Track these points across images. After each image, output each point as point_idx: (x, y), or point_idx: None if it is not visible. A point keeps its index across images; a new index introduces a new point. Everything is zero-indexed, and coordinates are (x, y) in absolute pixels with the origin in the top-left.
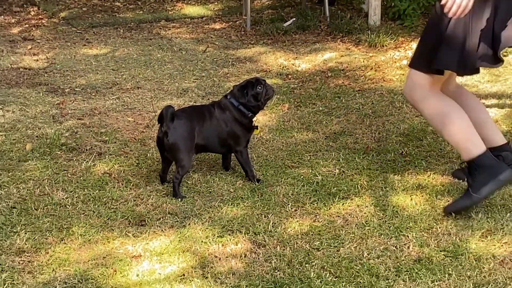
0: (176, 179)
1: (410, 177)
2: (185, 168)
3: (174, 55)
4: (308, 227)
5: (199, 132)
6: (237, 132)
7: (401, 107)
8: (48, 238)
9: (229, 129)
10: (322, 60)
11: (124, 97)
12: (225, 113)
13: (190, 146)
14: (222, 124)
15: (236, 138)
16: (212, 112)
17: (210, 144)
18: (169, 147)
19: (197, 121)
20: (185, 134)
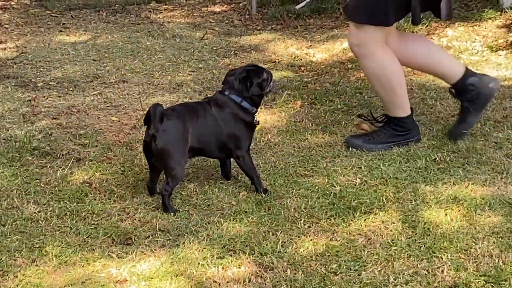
0: (165, 191)
1: (445, 188)
2: (177, 178)
3: (166, 43)
4: (324, 246)
5: (193, 133)
6: (239, 133)
7: (434, 104)
8: (17, 260)
9: (229, 130)
10: (341, 49)
11: (107, 93)
12: (223, 111)
13: (182, 152)
14: (221, 124)
15: (238, 140)
16: (208, 110)
17: (206, 147)
18: (157, 153)
19: (191, 121)
20: (176, 138)
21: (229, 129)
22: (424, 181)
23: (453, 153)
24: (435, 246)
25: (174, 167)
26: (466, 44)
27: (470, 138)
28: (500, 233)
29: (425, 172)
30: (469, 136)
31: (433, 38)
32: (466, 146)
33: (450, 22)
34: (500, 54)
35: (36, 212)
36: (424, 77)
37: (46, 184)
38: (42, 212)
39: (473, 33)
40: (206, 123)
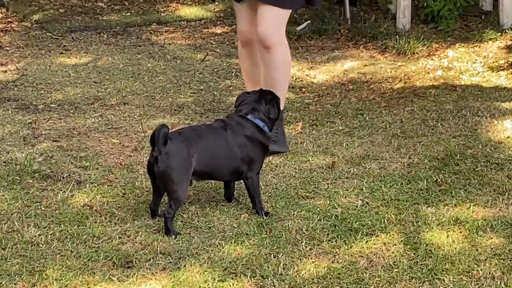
0: (168, 214)
1: (446, 210)
2: (179, 201)
3: (167, 64)
4: (325, 269)
5: (201, 158)
6: (255, 156)
7: (435, 126)
8: (17, 284)
9: (245, 155)
10: (342, 70)
11: (108, 115)
12: (241, 136)
13: (185, 176)
14: (236, 150)
15: (252, 163)
16: (221, 135)
17: (216, 172)
18: (159, 176)
19: (197, 145)
20: (178, 162)
21: (245, 153)
22: (426, 203)
23: (454, 174)
24: (437, 268)
25: (176, 190)
26: (467, 65)
27: (472, 159)
28: (502, 254)
29: (426, 194)
30: (471, 157)
31: (434, 59)
32: (468, 168)
33: (450, 43)
34: (501, 75)
35: (37, 236)
36: (425, 99)
37: (46, 207)
38: (43, 236)
39: (474, 54)
40: (217, 148)
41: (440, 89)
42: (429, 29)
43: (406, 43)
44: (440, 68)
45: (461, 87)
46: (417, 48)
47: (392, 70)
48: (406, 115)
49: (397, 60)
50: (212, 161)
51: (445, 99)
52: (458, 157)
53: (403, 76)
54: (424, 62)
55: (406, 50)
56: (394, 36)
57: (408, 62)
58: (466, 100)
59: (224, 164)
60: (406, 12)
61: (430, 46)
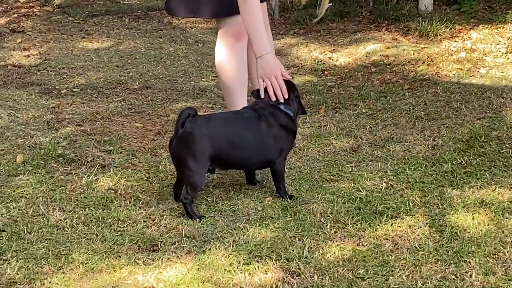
0: (185, 199)
1: (472, 192)
2: (195, 187)
3: (189, 48)
4: (350, 252)
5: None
6: (286, 145)
7: (459, 108)
8: (43, 267)
9: (279, 145)
10: (365, 53)
11: (131, 99)
12: (277, 127)
13: (200, 163)
14: (270, 140)
15: (282, 151)
16: (253, 125)
17: (243, 162)
18: (173, 158)
19: (223, 133)
20: (195, 147)
21: (279, 143)
22: (451, 185)
23: (479, 156)
24: (463, 251)
25: (191, 175)
26: (491, 46)
27: (497, 141)
28: None
29: (451, 176)
30: (496, 139)
31: (457, 40)
32: (493, 150)
33: (473, 25)
34: None
35: (62, 219)
36: (449, 80)
37: (71, 191)
38: (68, 219)
39: (497, 35)
40: (247, 138)
41: (464, 71)
42: (451, 10)
43: (429, 25)
44: (464, 49)
45: (485, 69)
46: (440, 30)
47: (415, 52)
48: (429, 97)
49: (420, 42)
50: (238, 152)
51: (469, 81)
52: (483, 139)
53: (426, 58)
54: (447, 44)
55: (428, 32)
56: (416, 18)
57: (431, 44)
58: (490, 81)
59: (254, 155)
60: None
61: (453, 28)
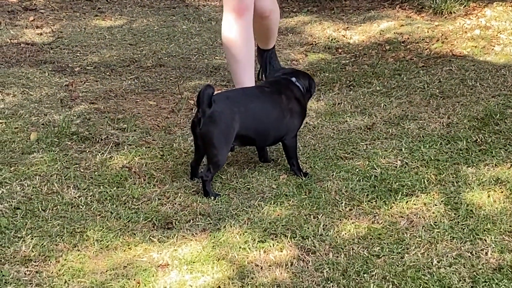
0: (206, 177)
1: (487, 170)
2: (218, 165)
3: (202, 26)
4: (365, 229)
5: (248, 123)
6: (299, 121)
7: (474, 85)
8: (58, 245)
9: (293, 119)
10: (379, 31)
11: (144, 77)
12: (293, 100)
13: (226, 141)
14: (286, 114)
15: (294, 127)
16: (274, 99)
17: (261, 138)
18: (201, 138)
19: (246, 110)
20: (222, 126)
21: (294, 117)
22: (466, 163)
23: (494, 134)
24: (478, 228)
25: (215, 154)
26: (505, 24)
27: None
28: None
29: (466, 154)
30: (511, 117)
31: (471, 18)
32: (508, 127)
33: (488, 2)
34: None
35: (76, 197)
36: (463, 58)
37: (85, 168)
38: (82, 197)
39: None
40: (269, 113)
41: (478, 48)
42: None
43: (443, 3)
44: (478, 27)
45: (500, 46)
46: (454, 8)
47: (429, 30)
48: (444, 75)
49: (434, 20)
50: (259, 127)
51: (484, 59)
52: (498, 116)
53: (440, 36)
54: (461, 22)
55: (443, 10)
56: None
57: (445, 21)
58: (505, 59)
59: (272, 129)
60: None
61: (468, 5)
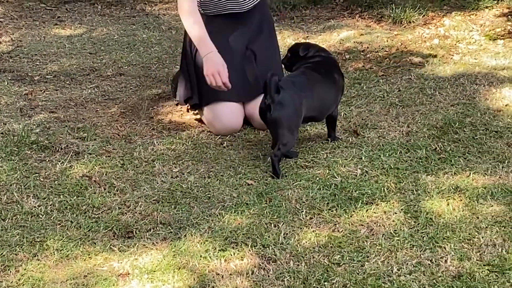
0: (275, 156)
1: (446, 178)
2: (288, 146)
3: (162, 35)
4: (326, 238)
5: (312, 104)
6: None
7: (433, 94)
8: (18, 254)
9: (340, 93)
10: (338, 40)
11: (105, 86)
12: (341, 77)
13: (296, 124)
14: (339, 91)
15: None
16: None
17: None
18: (271, 123)
19: (311, 93)
20: (292, 110)
21: (341, 92)
22: (425, 171)
23: (453, 142)
24: (438, 236)
25: (286, 136)
26: (464, 33)
27: (470, 127)
28: (502, 222)
29: (426, 162)
30: (470, 125)
31: (430, 27)
32: (467, 136)
33: (446, 11)
34: (498, 43)
35: (36, 206)
36: (422, 68)
37: (45, 178)
38: (42, 206)
39: (470, 22)
40: (329, 93)
41: (437, 57)
42: None
43: (402, 12)
44: (437, 36)
45: (458, 55)
46: (413, 17)
47: (388, 39)
48: (403, 84)
49: (393, 29)
50: (323, 107)
51: (443, 68)
52: (457, 125)
53: (399, 45)
54: (420, 31)
55: (402, 19)
56: (389, 5)
57: (404, 31)
58: (463, 68)
59: (331, 107)
60: None
61: (426, 14)
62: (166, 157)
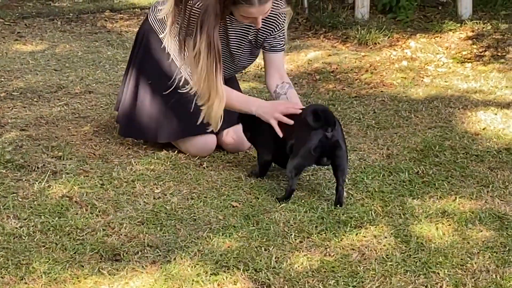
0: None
1: (432, 202)
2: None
3: (127, 52)
4: (318, 262)
5: None
6: None
7: (408, 116)
8: (4, 277)
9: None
10: (307, 60)
11: (74, 103)
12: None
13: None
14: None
15: None
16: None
17: None
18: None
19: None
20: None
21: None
22: (411, 195)
23: (435, 166)
24: (430, 261)
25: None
26: (431, 55)
27: (451, 151)
28: (494, 248)
29: (410, 186)
30: (449, 148)
31: (396, 49)
32: (448, 159)
33: (411, 33)
34: (466, 66)
35: (18, 227)
36: (394, 89)
37: (24, 198)
38: (24, 227)
39: (436, 45)
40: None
41: (408, 79)
42: (387, 19)
43: (367, 33)
44: (405, 58)
45: (428, 78)
46: (379, 38)
47: (356, 60)
48: (378, 105)
49: (360, 50)
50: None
51: (415, 90)
52: (437, 148)
53: (368, 67)
54: (387, 53)
55: (367, 40)
56: (354, 26)
57: (371, 52)
58: (436, 91)
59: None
60: (364, 1)
61: (391, 36)
62: (146, 178)
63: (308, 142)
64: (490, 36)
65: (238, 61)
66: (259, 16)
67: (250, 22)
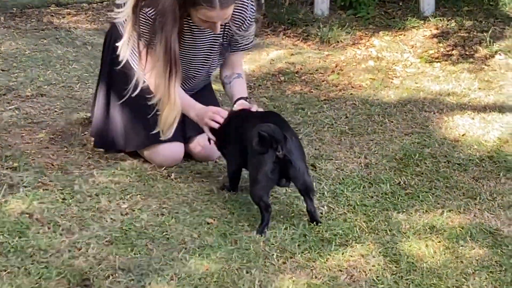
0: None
1: (419, 216)
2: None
3: (78, 51)
4: (305, 286)
5: None
6: None
7: (382, 121)
8: None
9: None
10: (269, 60)
11: (26, 107)
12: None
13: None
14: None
15: None
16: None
17: None
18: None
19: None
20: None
21: None
22: (395, 208)
23: (417, 176)
24: (424, 283)
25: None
26: (397, 55)
27: (431, 159)
28: (490, 267)
29: (393, 198)
30: (430, 157)
31: (360, 48)
32: (429, 169)
33: (374, 31)
34: (435, 66)
35: None
36: (364, 91)
37: None
38: None
39: (401, 43)
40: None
41: (378, 81)
42: (347, 15)
43: (329, 31)
44: (370, 58)
45: (398, 79)
46: (341, 37)
47: (320, 60)
48: (349, 109)
49: (322, 49)
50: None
51: (385, 92)
52: (417, 157)
53: (334, 67)
54: (351, 52)
55: (330, 38)
56: (313, 23)
57: (334, 51)
58: (407, 93)
59: None
60: None
61: (354, 34)
62: (111, 191)
63: (263, 167)
64: (456, 34)
65: (210, 65)
66: (218, 21)
67: (207, 27)
